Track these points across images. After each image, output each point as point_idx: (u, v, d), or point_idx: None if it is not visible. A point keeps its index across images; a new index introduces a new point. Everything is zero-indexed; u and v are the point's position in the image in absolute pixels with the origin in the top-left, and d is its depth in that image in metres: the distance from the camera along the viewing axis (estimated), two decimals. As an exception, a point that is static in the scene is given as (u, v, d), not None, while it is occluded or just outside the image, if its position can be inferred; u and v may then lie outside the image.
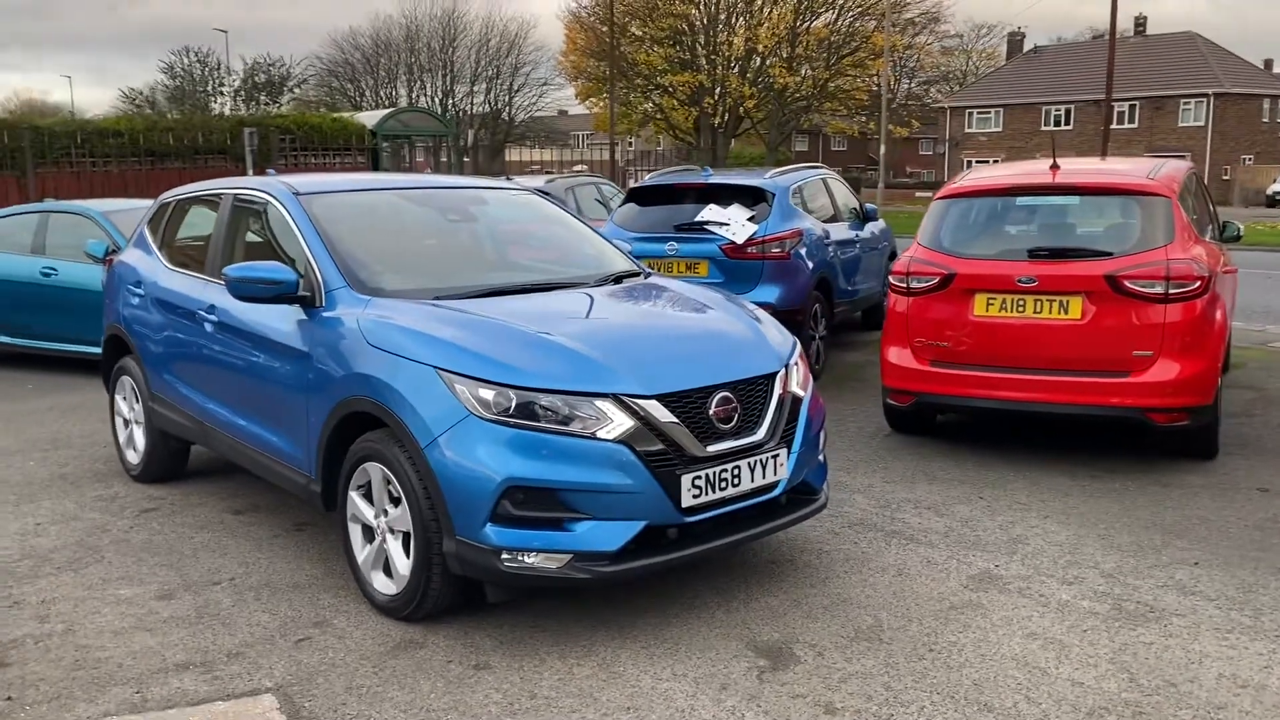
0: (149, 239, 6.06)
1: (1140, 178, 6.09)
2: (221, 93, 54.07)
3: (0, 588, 4.48)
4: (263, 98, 53.18)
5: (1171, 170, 6.34)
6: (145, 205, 9.48)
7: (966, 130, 56.64)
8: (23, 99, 65.94)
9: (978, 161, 51.21)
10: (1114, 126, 44.92)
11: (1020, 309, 5.90)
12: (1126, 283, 5.65)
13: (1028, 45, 60.83)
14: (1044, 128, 53.07)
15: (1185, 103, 49.90)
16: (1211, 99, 48.84)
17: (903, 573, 4.48)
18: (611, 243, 5.61)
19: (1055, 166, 6.35)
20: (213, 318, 5.05)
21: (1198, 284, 5.61)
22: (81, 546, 4.98)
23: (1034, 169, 6.63)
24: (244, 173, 16.56)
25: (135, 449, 6.03)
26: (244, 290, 4.45)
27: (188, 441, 5.75)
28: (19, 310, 9.64)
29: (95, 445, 6.89)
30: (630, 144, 45.78)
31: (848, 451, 6.41)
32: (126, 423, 6.12)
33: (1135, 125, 50.96)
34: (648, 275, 5.21)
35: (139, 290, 5.82)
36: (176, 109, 49.32)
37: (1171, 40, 53.23)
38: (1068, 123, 52.59)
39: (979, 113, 56.44)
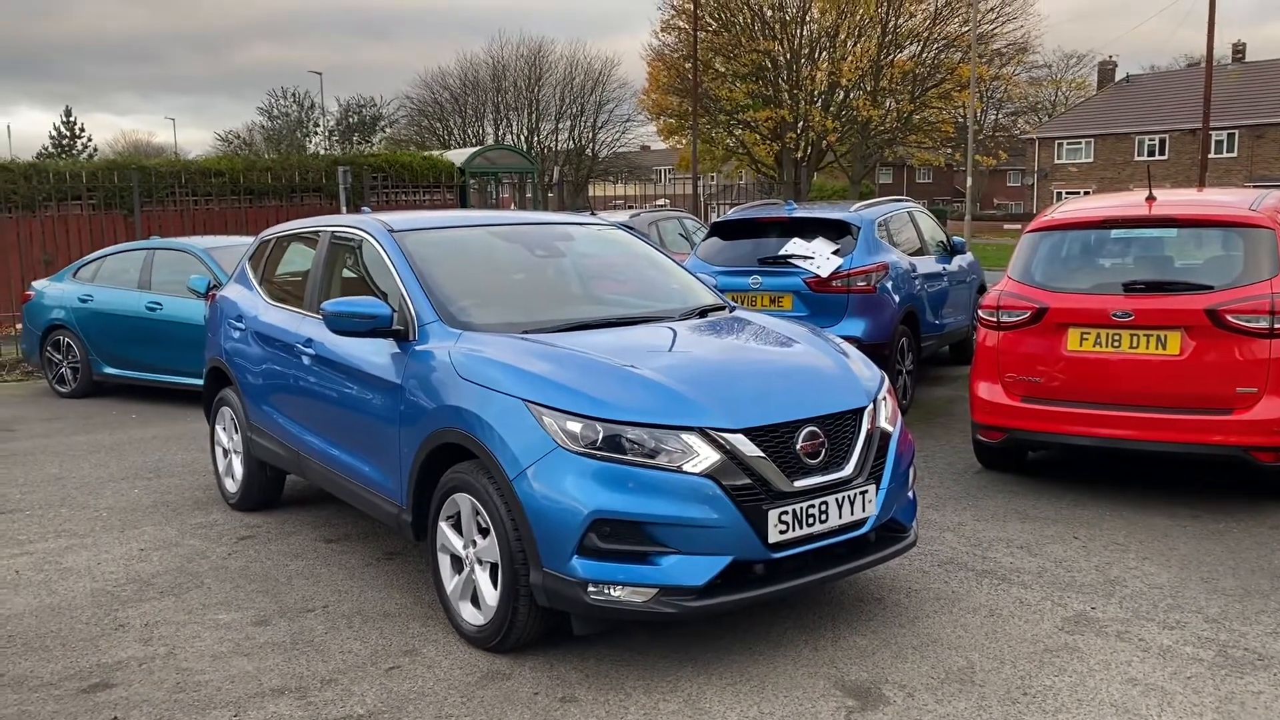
0: (249, 275, 6.28)
1: (1242, 209, 5.91)
2: (316, 132, 55.86)
3: (106, 611, 4.65)
4: (355, 137, 54.79)
5: (1275, 201, 6.14)
6: (245, 242, 9.86)
7: (1056, 161, 55.53)
8: (129, 140, 69.20)
9: (1068, 193, 50.17)
10: (1212, 156, 43.59)
11: (1116, 344, 5.76)
12: (1229, 317, 5.48)
13: (1119, 74, 59.51)
14: (1137, 158, 51.77)
15: (1288, 131, 48.20)
16: (1316, 127, 47.13)
17: (995, 613, 4.38)
18: (696, 277, 5.64)
19: (1151, 198, 6.21)
20: (310, 351, 5.20)
21: (1305, 318, 5.41)
22: (182, 572, 5.15)
23: (1129, 201, 6.49)
24: (338, 210, 17.03)
25: (234, 478, 6.22)
26: (340, 324, 4.58)
27: (283, 471, 5.91)
28: (126, 343, 10.06)
29: (195, 473, 7.12)
30: (712, 178, 45.88)
31: (936, 488, 6.30)
32: (226, 452, 6.32)
33: (1234, 154, 49.37)
34: (733, 309, 5.22)
35: (239, 324, 6.03)
36: (274, 149, 51.07)
37: (1272, 66, 51.55)
38: (1162, 153, 51.21)
39: (1069, 143, 55.30)
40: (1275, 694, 3.63)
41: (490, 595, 4.01)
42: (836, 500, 3.89)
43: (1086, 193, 46.27)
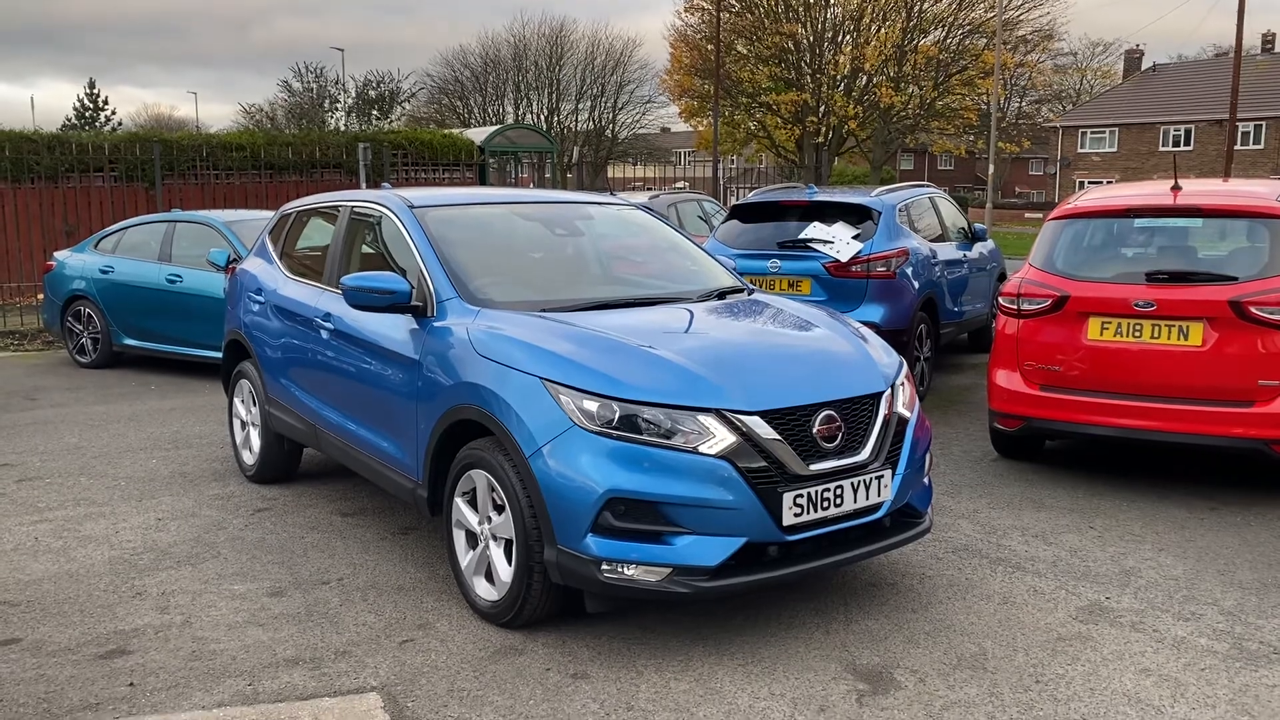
0: (270, 248, 6.29)
1: (1269, 200, 5.85)
2: (337, 108, 55.82)
3: (124, 579, 4.70)
4: (375, 113, 54.73)
5: (1303, 193, 6.07)
6: (265, 216, 9.89)
7: (1079, 150, 55.03)
8: (152, 113, 69.43)
9: (1090, 182, 49.77)
10: (1238, 147, 43.16)
11: (1137, 334, 5.71)
12: (1253, 309, 5.43)
13: (1146, 63, 58.86)
14: (1162, 148, 51.27)
15: (1317, 123, 47.63)
16: (1345, 119, 46.53)
17: (1008, 601, 4.37)
18: (716, 259, 5.62)
19: (1177, 187, 6.15)
20: (329, 325, 5.21)
21: (1330, 312, 5.35)
22: (199, 542, 5.19)
23: (1153, 190, 6.43)
24: (358, 186, 17.05)
25: (251, 450, 6.26)
26: (359, 299, 4.59)
27: (300, 444, 5.94)
28: (146, 315, 10.11)
29: (213, 445, 7.17)
30: (732, 161, 45.68)
31: (952, 475, 6.28)
32: (243, 425, 6.36)
33: (1261, 146, 48.83)
34: (751, 292, 5.20)
35: (259, 298, 6.05)
36: (295, 124, 51.08)
37: (1302, 58, 50.93)
38: (1187, 143, 50.71)
39: (1093, 132, 54.78)
40: (1290, 688, 3.61)
41: (504, 571, 4.03)
42: (852, 484, 3.89)
43: (1109, 182, 45.85)
